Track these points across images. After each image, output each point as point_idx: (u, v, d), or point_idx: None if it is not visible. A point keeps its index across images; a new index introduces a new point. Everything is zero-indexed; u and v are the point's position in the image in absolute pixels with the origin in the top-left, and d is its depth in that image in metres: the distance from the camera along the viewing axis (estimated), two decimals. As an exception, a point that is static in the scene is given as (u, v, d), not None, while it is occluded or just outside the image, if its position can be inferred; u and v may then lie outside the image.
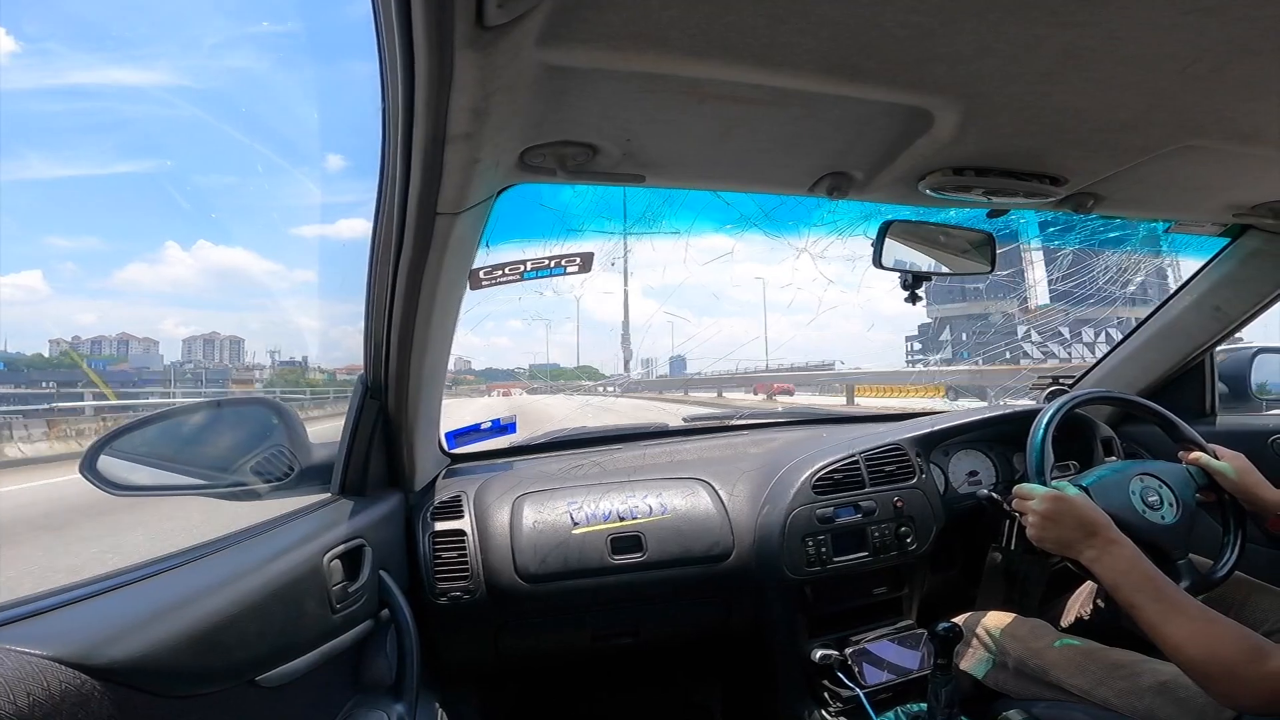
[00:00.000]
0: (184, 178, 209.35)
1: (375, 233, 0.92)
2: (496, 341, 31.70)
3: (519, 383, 11.61)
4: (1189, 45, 0.68)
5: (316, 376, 41.70)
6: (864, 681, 1.33)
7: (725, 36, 0.66)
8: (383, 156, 0.78)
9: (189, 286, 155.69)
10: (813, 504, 1.38)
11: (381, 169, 0.81)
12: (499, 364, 25.66)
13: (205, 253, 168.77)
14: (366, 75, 0.68)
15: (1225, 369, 1.73)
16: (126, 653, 0.61)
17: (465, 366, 10.73)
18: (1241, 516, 1.22)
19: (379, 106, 0.70)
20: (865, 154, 0.97)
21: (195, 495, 1.15)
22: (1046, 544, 1.08)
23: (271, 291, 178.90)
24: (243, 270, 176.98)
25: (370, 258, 0.97)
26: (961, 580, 1.54)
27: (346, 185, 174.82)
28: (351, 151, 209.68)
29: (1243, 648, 0.84)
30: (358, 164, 51.42)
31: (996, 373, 5.64)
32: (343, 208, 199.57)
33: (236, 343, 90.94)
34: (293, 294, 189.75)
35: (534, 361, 23.78)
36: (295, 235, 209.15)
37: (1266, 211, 1.25)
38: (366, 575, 1.05)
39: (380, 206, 0.87)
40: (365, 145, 0.83)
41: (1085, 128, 0.88)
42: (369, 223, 0.91)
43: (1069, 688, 1.08)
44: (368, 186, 0.86)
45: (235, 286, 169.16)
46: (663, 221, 1.26)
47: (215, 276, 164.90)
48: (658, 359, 14.34)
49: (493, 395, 11.21)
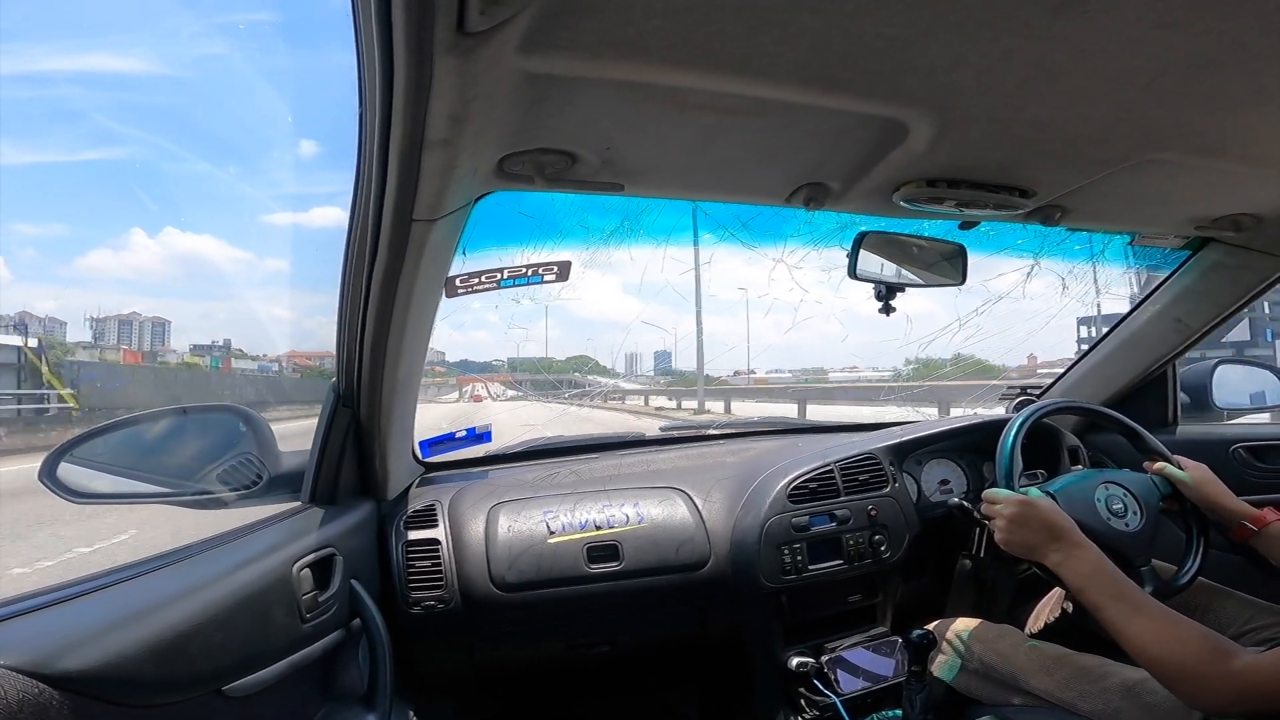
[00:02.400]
0: (155, 165, 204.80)
1: (350, 238, 0.91)
2: (475, 335, 31.42)
3: (498, 376, 11.08)
4: (1155, 59, 0.70)
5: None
6: (840, 689, 1.34)
7: (706, 46, 0.66)
8: (359, 161, 0.77)
9: (153, 274, 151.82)
10: (788, 513, 1.38)
11: (357, 173, 0.80)
12: (476, 356, 23.42)
13: (172, 239, 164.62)
14: (345, 67, 0.67)
15: (1187, 380, 1.77)
16: (85, 661, 0.60)
17: (438, 358, 9.68)
18: (1204, 525, 1.25)
19: (356, 111, 0.70)
20: (841, 165, 0.98)
21: (159, 503, 1.13)
22: (1013, 548, 1.10)
23: (236, 280, 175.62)
24: (209, 258, 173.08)
25: (344, 263, 0.95)
26: (934, 587, 1.56)
27: (323, 176, 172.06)
28: (326, 139, 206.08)
29: (1206, 648, 0.86)
30: (333, 155, 50.14)
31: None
32: (317, 198, 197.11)
33: (161, 325, 78.91)
34: (264, 284, 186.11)
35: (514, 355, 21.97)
36: (267, 224, 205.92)
37: (1227, 224, 1.28)
38: (337, 584, 1.03)
39: (355, 211, 0.86)
40: (342, 135, 0.82)
41: (1054, 140, 0.91)
42: (343, 211, 0.90)
43: (1038, 692, 1.10)
44: (344, 179, 0.85)
45: (202, 274, 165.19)
46: (641, 231, 1.26)
47: (181, 264, 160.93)
48: (640, 354, 14.21)
49: (463, 397, 10.54)
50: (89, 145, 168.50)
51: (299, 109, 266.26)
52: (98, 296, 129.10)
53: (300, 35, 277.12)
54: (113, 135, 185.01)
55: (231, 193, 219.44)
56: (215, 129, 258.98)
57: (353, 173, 0.80)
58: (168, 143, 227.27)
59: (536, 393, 9.13)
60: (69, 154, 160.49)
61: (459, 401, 10.44)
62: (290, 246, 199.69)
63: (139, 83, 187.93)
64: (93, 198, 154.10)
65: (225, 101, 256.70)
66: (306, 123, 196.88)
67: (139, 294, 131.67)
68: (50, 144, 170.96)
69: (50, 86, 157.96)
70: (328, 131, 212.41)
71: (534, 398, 8.63)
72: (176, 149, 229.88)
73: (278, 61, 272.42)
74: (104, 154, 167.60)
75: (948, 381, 5.57)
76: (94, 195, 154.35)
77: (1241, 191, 1.15)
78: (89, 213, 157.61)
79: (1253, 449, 1.61)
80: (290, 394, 24.69)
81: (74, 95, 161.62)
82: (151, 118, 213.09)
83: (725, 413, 8.49)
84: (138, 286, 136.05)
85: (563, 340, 29.11)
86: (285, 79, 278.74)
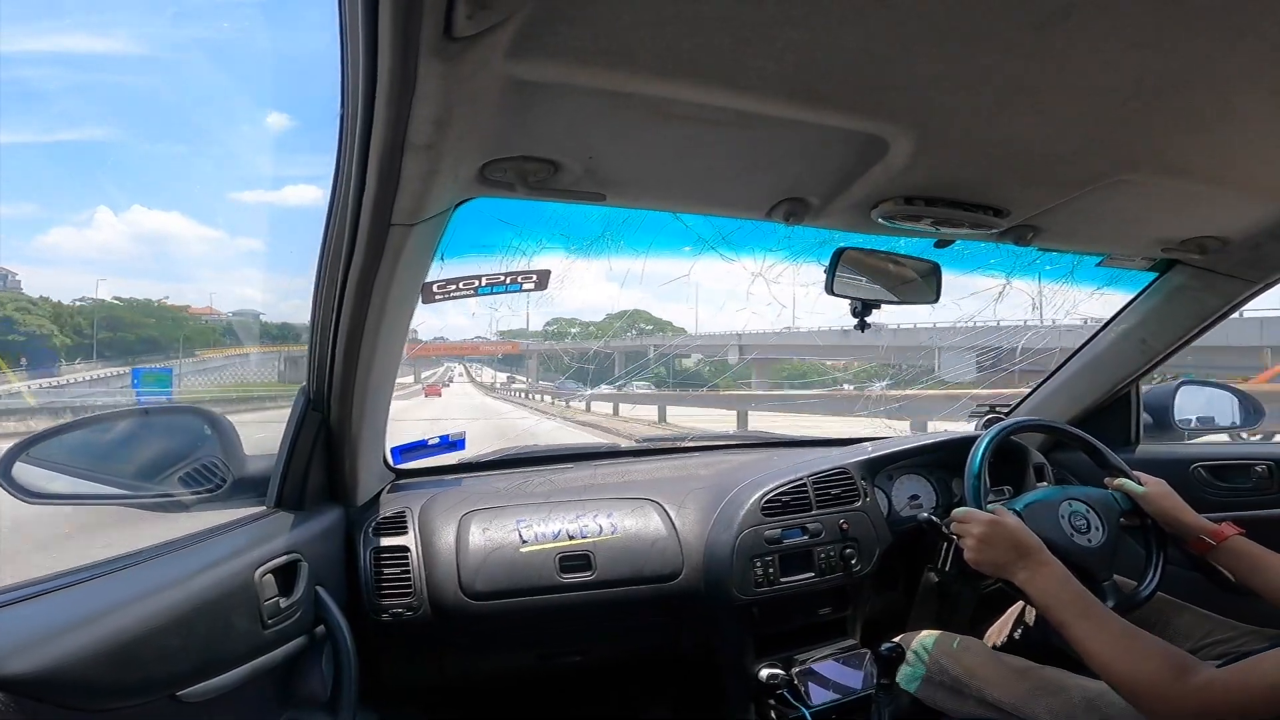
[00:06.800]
0: (131, 145, 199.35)
1: (325, 240, 0.90)
2: (455, 321, 30.69)
3: (500, 345, 9.48)
4: (1130, 79, 0.72)
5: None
6: (810, 701, 1.34)
7: (691, 57, 0.66)
8: (338, 161, 0.76)
9: (119, 253, 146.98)
10: (761, 525, 1.39)
11: (336, 175, 0.79)
12: (455, 337, 19.08)
13: (137, 217, 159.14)
14: (328, 59, 0.66)
15: (1150, 400, 1.82)
16: (35, 664, 0.60)
17: (410, 336, 7.48)
18: (1163, 539, 1.28)
19: (337, 112, 0.69)
20: (822, 180, 1.00)
21: (118, 505, 1.10)
22: (983, 566, 1.12)
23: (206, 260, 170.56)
24: (177, 236, 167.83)
25: (319, 265, 0.94)
26: (903, 601, 1.58)
27: (301, 158, 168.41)
28: (301, 114, 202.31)
29: (1167, 664, 0.88)
30: (310, 136, 48.91)
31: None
32: (292, 179, 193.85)
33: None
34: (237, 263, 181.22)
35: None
36: (238, 201, 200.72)
37: (1193, 246, 1.32)
38: (301, 591, 1.01)
39: (333, 213, 0.85)
40: (324, 124, 0.81)
41: (1028, 160, 0.93)
42: (318, 189, 0.88)
43: (1000, 703, 1.12)
44: (324, 162, 0.84)
45: (168, 254, 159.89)
46: (621, 241, 1.26)
47: (148, 243, 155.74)
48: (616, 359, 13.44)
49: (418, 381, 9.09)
50: (63, 126, 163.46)
51: (281, 95, 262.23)
52: (56, 276, 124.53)
53: (285, 23, 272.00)
54: (88, 115, 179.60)
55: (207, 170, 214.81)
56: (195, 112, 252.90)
57: (331, 172, 0.79)
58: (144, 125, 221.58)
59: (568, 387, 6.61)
60: (43, 135, 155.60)
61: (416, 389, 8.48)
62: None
63: (116, 64, 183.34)
64: (68, 178, 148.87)
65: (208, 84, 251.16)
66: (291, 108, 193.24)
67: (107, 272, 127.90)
68: (22, 124, 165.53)
69: (26, 67, 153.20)
70: (313, 121, 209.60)
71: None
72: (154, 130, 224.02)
73: (264, 42, 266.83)
74: (80, 135, 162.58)
75: (921, 391, 5.65)
76: (69, 175, 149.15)
77: (1208, 213, 1.19)
78: (61, 193, 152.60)
79: (1212, 468, 1.66)
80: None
81: (50, 76, 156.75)
82: (128, 97, 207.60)
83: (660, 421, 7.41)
84: (103, 265, 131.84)
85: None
86: (268, 63, 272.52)
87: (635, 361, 8.64)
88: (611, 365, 7.66)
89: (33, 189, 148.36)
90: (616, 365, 7.67)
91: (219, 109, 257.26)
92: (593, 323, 10.49)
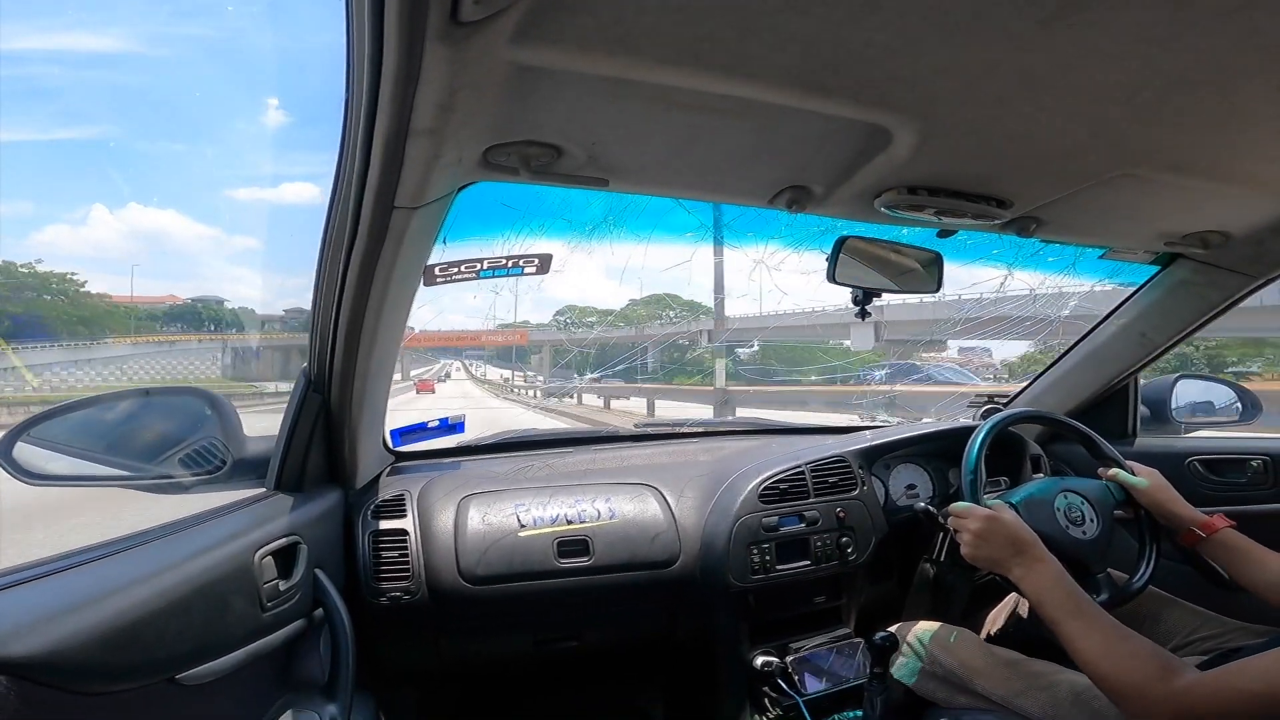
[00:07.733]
0: (129, 144, 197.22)
1: (329, 223, 0.89)
2: (452, 319, 31.06)
3: (484, 335, 9.43)
4: (1135, 75, 0.72)
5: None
6: (803, 689, 1.35)
7: (696, 46, 0.66)
8: (342, 145, 0.76)
9: (113, 250, 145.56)
10: (759, 512, 1.40)
11: (340, 158, 0.78)
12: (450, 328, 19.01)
13: (134, 215, 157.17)
14: (332, 49, 0.66)
15: (1148, 393, 1.82)
16: (33, 647, 0.59)
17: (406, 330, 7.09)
18: (1156, 531, 1.28)
19: (342, 96, 0.68)
20: (825, 169, 0.99)
21: (118, 486, 1.10)
22: (979, 561, 1.13)
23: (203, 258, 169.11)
24: (172, 234, 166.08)
25: (321, 248, 0.93)
26: (898, 591, 1.59)
27: (299, 156, 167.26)
28: (301, 110, 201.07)
29: (1153, 666, 0.89)
30: (306, 132, 48.60)
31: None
32: (290, 176, 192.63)
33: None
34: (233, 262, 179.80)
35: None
36: (235, 199, 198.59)
37: (1196, 241, 1.32)
38: (300, 573, 1.01)
39: (336, 196, 0.84)
40: (326, 118, 0.81)
41: (1033, 153, 0.92)
42: (315, 186, 0.88)
43: (990, 694, 1.13)
44: (320, 160, 0.83)
45: (164, 251, 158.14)
46: (623, 227, 1.26)
47: (144, 240, 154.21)
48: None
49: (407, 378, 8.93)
50: (62, 124, 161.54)
51: (284, 89, 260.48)
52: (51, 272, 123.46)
53: (287, 15, 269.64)
54: (87, 113, 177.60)
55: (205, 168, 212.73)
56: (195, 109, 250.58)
57: (335, 156, 0.79)
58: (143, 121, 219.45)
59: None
60: (41, 132, 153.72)
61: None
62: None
63: (117, 61, 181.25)
64: (65, 176, 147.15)
65: (209, 76, 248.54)
66: (290, 106, 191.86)
67: (100, 270, 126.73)
68: (19, 123, 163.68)
69: (24, 65, 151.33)
70: (313, 115, 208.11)
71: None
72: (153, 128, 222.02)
73: (263, 40, 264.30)
74: (78, 133, 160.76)
75: (915, 388, 5.65)
76: (66, 174, 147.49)
77: (1212, 209, 1.18)
78: (58, 190, 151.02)
79: (1207, 462, 1.67)
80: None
81: (47, 74, 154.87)
82: (127, 95, 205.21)
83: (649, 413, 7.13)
84: (97, 263, 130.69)
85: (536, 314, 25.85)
86: (269, 59, 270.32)
87: (679, 350, 7.69)
88: (641, 355, 7.01)
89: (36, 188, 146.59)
90: (650, 355, 7.05)
91: (219, 107, 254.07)
92: (610, 310, 10.02)
